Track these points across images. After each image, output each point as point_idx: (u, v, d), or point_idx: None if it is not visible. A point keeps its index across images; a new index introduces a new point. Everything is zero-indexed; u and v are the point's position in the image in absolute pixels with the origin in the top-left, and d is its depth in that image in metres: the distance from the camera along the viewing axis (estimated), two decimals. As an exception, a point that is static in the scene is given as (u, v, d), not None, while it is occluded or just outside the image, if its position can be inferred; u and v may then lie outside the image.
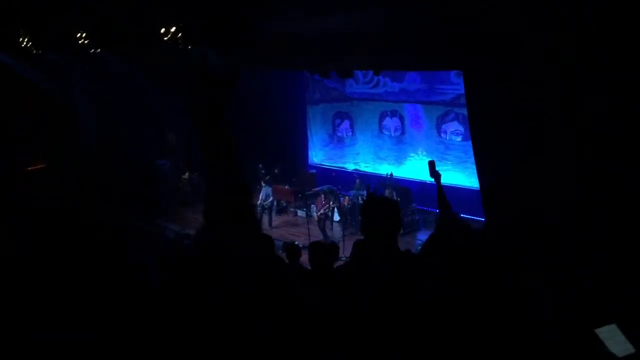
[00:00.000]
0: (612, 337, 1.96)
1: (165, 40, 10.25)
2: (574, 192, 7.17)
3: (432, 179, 5.30)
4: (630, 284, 3.55)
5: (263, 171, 15.89)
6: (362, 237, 2.85)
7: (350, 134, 17.30)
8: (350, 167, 17.15)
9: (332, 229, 13.99)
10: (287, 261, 6.84)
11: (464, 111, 12.26)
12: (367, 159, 16.87)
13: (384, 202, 2.92)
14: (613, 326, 1.92)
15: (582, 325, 2.30)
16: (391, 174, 14.85)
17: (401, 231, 12.79)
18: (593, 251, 4.66)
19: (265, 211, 15.01)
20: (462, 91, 11.94)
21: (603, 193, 6.83)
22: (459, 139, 14.49)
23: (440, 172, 5.26)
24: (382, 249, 2.68)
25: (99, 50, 11.52)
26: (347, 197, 14.46)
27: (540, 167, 7.71)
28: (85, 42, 11.07)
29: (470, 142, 10.52)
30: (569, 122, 7.30)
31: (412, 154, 15.69)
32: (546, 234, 5.09)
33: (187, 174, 17.11)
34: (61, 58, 13.58)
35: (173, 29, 9.98)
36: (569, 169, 7.31)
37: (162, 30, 10.08)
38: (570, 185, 7.26)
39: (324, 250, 6.49)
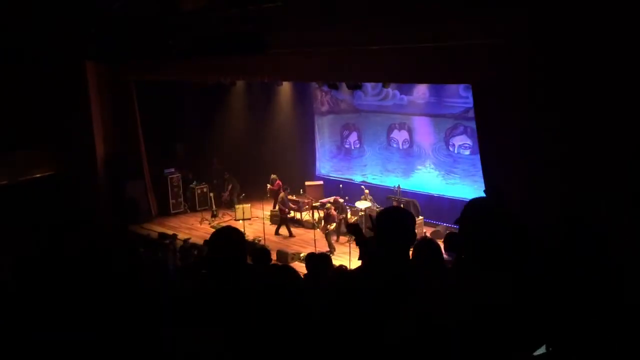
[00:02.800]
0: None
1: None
2: (583, 203, 7.14)
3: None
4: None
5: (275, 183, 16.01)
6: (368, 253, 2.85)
7: (358, 145, 17.31)
8: (357, 178, 17.14)
9: (337, 240, 13.95)
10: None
11: (473, 125, 12.26)
12: (375, 170, 16.86)
13: (399, 212, 2.92)
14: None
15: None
16: (399, 187, 14.82)
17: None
18: (601, 261, 4.63)
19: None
20: (471, 105, 11.93)
21: (613, 203, 6.81)
22: (467, 152, 14.47)
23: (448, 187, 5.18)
24: (395, 259, 2.66)
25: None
26: (350, 214, 14.43)
27: (548, 181, 7.70)
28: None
29: (478, 156, 10.52)
30: (577, 136, 7.30)
31: (419, 167, 15.67)
32: (552, 247, 5.06)
33: (194, 183, 17.18)
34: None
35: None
36: (578, 181, 7.30)
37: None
38: (579, 196, 7.23)
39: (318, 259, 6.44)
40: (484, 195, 8.63)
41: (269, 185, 16.25)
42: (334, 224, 13.85)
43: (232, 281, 2.75)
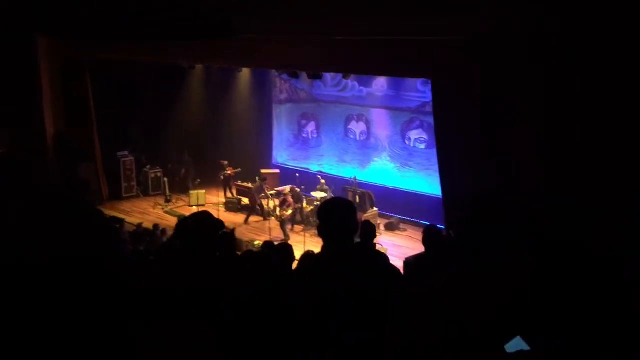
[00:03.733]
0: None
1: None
2: (540, 198, 7.34)
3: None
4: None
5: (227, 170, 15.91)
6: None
7: (315, 135, 17.33)
8: (314, 168, 17.17)
9: (292, 229, 13.97)
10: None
11: (429, 119, 12.44)
12: (332, 161, 16.93)
13: (340, 204, 2.94)
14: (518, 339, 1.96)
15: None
16: (355, 178, 14.94)
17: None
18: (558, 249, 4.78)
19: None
20: (428, 99, 12.12)
21: (567, 197, 7.02)
22: (422, 146, 14.69)
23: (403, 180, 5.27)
24: (340, 250, 2.69)
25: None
26: (306, 204, 14.46)
27: (502, 176, 7.89)
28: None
29: (433, 150, 10.69)
30: (535, 131, 7.49)
31: (376, 159, 15.82)
32: (512, 240, 5.20)
33: (148, 167, 16.86)
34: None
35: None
36: (534, 175, 7.50)
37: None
38: (535, 191, 7.43)
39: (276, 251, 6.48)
40: (439, 190, 8.80)
41: (228, 171, 16.08)
42: (290, 211, 13.84)
43: (209, 272, 2.72)
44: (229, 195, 16.22)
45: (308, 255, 6.50)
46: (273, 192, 15.33)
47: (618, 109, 6.69)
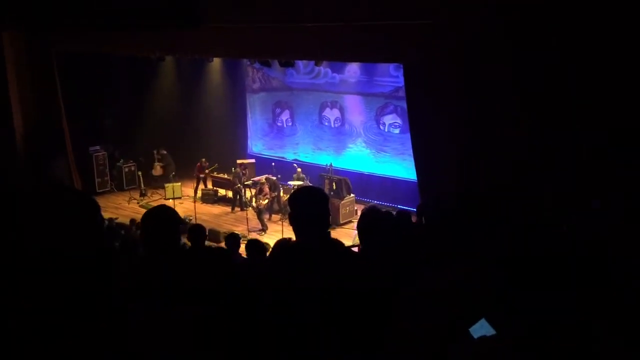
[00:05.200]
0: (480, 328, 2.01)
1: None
2: (512, 178, 7.43)
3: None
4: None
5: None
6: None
7: (290, 123, 17.27)
8: (289, 157, 17.13)
9: (270, 219, 13.95)
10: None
11: (403, 104, 12.48)
12: (307, 149, 16.90)
13: (310, 192, 2.93)
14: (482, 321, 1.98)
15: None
16: (331, 165, 14.96)
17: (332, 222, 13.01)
18: (527, 231, 4.85)
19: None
20: (401, 84, 12.13)
21: (541, 183, 7.12)
22: (397, 131, 14.73)
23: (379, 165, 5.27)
24: (312, 239, 2.69)
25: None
26: (283, 192, 14.44)
27: (476, 162, 7.96)
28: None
29: (408, 135, 10.73)
30: (505, 118, 7.57)
31: (351, 145, 15.84)
32: (483, 220, 5.25)
33: (121, 161, 16.63)
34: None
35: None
36: (506, 162, 7.58)
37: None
38: (507, 170, 7.52)
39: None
40: (414, 175, 8.82)
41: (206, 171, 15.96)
42: (267, 200, 13.81)
43: (168, 263, 2.70)
44: (201, 187, 16.03)
45: (282, 243, 6.54)
46: (249, 182, 15.26)
47: (588, 94, 6.78)
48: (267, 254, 6.35)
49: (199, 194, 15.78)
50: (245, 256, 6.88)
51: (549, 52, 6.99)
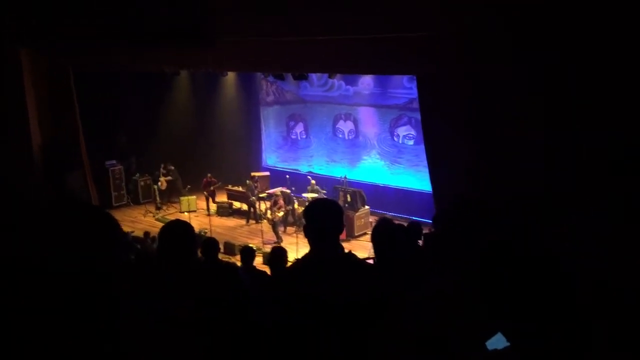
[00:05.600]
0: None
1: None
2: (525, 192, 7.36)
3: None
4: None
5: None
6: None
7: (304, 136, 17.33)
8: (304, 169, 17.16)
9: (285, 231, 13.96)
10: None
11: (417, 115, 12.46)
12: (321, 161, 16.93)
13: (325, 204, 2.95)
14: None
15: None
16: (345, 177, 14.95)
17: (345, 233, 12.99)
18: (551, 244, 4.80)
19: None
20: (415, 95, 12.13)
21: (558, 193, 7.04)
22: (411, 142, 14.71)
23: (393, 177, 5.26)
24: (327, 251, 2.70)
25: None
26: (298, 205, 14.44)
27: (491, 169, 7.91)
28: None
29: (422, 146, 10.71)
30: (519, 126, 7.51)
31: (365, 157, 15.84)
32: (499, 234, 5.21)
33: (137, 175, 16.78)
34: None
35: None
36: (519, 169, 7.52)
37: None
38: (522, 185, 7.45)
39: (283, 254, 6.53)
40: (429, 186, 8.79)
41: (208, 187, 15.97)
42: (281, 212, 13.83)
43: (184, 278, 2.71)
44: (216, 200, 16.07)
45: (277, 251, 6.57)
46: (264, 194, 15.31)
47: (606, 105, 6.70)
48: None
49: (213, 207, 15.82)
50: (259, 269, 6.88)
51: (566, 57, 6.94)
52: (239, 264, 7.21)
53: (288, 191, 14.57)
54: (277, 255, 6.52)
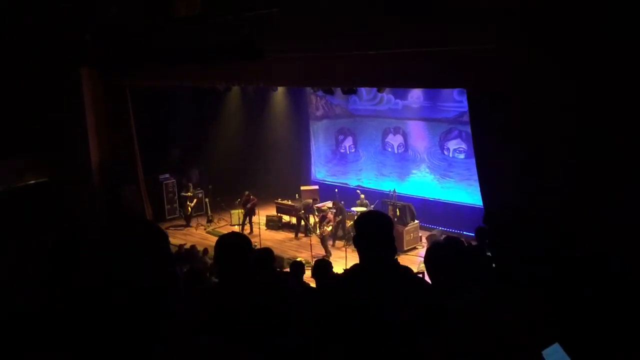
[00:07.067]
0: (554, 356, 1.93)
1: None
2: (576, 207, 7.18)
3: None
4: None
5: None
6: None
7: (353, 150, 17.34)
8: (353, 183, 17.16)
9: (334, 245, 13.96)
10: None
11: (467, 129, 12.30)
12: (370, 175, 16.89)
13: (376, 216, 2.95)
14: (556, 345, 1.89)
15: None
16: (394, 191, 14.85)
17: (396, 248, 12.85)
18: (596, 256, 4.67)
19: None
20: (465, 109, 11.98)
21: (603, 206, 6.85)
22: (462, 156, 14.52)
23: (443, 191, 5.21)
24: (376, 262, 2.69)
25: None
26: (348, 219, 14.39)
27: (544, 185, 7.73)
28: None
29: (473, 160, 10.55)
30: (573, 138, 7.34)
31: (414, 171, 15.71)
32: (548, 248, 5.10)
33: (190, 188, 17.12)
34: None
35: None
36: (574, 183, 7.34)
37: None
38: (572, 200, 7.27)
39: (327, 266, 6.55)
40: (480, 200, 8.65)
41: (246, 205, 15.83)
42: (330, 227, 13.85)
43: (241, 292, 2.75)
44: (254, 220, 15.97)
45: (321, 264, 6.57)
46: (317, 208, 15.34)
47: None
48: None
49: (263, 220, 15.88)
50: (308, 283, 6.90)
51: (616, 70, 6.77)
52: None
53: (341, 203, 14.53)
54: (322, 267, 6.54)
